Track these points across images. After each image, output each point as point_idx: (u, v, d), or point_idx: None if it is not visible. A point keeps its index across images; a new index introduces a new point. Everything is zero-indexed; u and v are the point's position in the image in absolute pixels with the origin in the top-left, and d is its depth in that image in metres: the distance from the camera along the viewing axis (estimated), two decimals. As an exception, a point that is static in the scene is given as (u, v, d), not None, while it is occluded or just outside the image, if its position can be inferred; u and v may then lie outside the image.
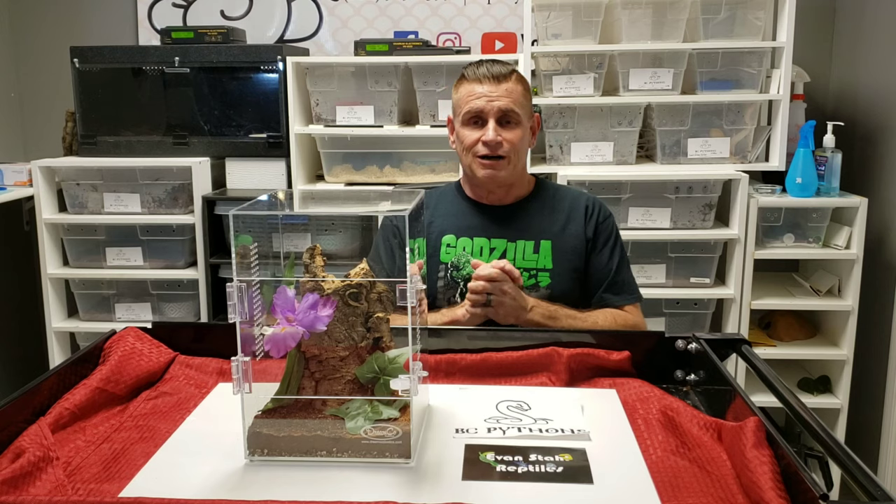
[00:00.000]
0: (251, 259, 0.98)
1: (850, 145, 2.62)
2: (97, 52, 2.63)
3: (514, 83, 1.67)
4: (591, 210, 1.75)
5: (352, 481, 0.93)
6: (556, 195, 1.79)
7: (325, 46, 2.97)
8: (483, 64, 1.69)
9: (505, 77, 1.66)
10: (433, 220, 1.75)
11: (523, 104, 1.69)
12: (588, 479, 0.94)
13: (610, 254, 1.73)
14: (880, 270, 2.51)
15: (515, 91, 1.67)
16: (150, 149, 2.65)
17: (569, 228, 1.72)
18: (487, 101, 1.65)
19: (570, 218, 1.74)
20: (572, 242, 1.71)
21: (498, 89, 1.65)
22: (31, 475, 0.91)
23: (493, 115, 1.65)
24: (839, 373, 2.47)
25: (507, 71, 1.68)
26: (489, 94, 1.65)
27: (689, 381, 1.25)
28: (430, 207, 1.78)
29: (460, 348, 1.29)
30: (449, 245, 1.72)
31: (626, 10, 2.43)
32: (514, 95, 1.66)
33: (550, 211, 1.74)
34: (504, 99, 1.65)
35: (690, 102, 2.46)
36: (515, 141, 1.67)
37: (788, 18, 2.37)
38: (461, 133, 1.70)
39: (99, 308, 2.71)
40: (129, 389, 1.19)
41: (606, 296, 1.70)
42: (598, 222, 1.74)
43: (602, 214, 1.76)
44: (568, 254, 1.70)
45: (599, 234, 1.73)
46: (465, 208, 1.77)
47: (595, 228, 1.73)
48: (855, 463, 0.82)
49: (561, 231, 1.72)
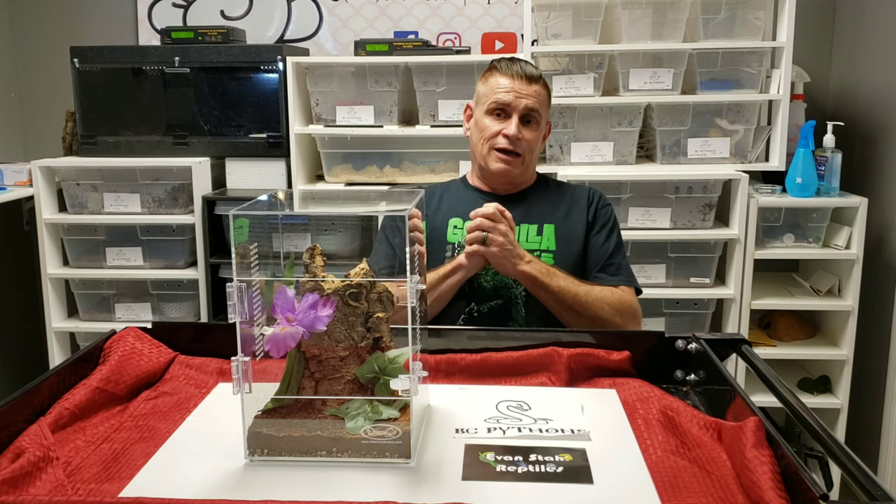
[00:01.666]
0: (251, 259, 0.98)
1: (850, 145, 2.62)
2: (97, 52, 2.63)
3: (542, 87, 1.75)
4: (591, 198, 1.82)
5: (352, 481, 0.93)
6: (560, 187, 1.86)
7: (325, 46, 2.97)
8: (517, 62, 1.75)
9: (535, 80, 1.74)
10: (439, 207, 1.81)
11: (545, 109, 1.76)
12: (588, 479, 0.94)
13: (607, 236, 1.78)
14: (880, 270, 2.51)
15: (542, 95, 1.74)
16: (150, 149, 2.65)
17: (571, 216, 1.78)
18: (516, 96, 1.71)
19: (573, 206, 1.80)
20: (575, 228, 1.77)
21: (528, 89, 1.71)
22: (31, 475, 0.91)
23: (518, 111, 1.71)
24: (839, 373, 2.47)
25: (537, 74, 1.75)
26: (519, 91, 1.71)
27: (689, 381, 1.25)
28: (436, 197, 1.84)
29: (460, 348, 1.29)
30: (456, 227, 1.77)
31: (626, 10, 2.43)
32: (540, 98, 1.73)
33: (553, 199, 1.81)
34: (532, 99, 1.71)
35: (690, 102, 2.46)
36: (532, 141, 1.74)
37: (788, 18, 2.37)
38: (482, 121, 1.75)
39: (99, 308, 2.71)
40: (129, 389, 1.19)
41: (602, 275, 1.73)
42: (597, 207, 1.80)
43: (602, 202, 1.82)
44: (570, 238, 1.75)
45: (598, 219, 1.79)
46: (471, 196, 1.81)
47: (595, 213, 1.80)
48: (855, 463, 0.82)
49: (563, 218, 1.77)
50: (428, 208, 1.82)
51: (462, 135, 2.52)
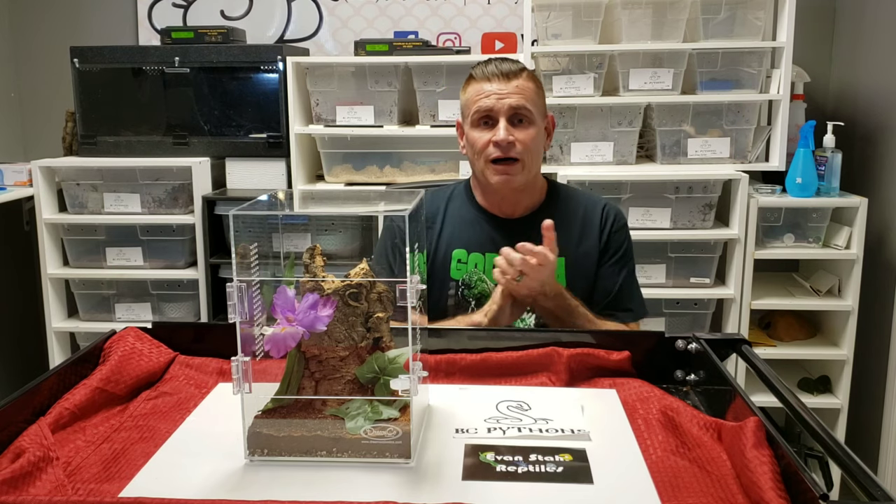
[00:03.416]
0: (251, 259, 0.98)
1: (850, 145, 2.61)
2: (97, 52, 2.63)
3: (525, 80, 1.59)
4: (605, 219, 1.68)
5: (352, 481, 0.93)
6: (570, 203, 1.71)
7: (325, 46, 2.97)
8: (491, 62, 1.61)
9: (515, 74, 1.58)
10: (443, 230, 1.69)
11: (536, 102, 1.60)
12: (588, 479, 0.94)
13: (620, 268, 1.67)
14: (880, 270, 2.51)
15: (527, 88, 1.59)
16: (150, 149, 2.65)
17: (582, 244, 1.66)
18: (497, 98, 1.57)
19: (584, 231, 1.67)
20: (586, 259, 1.66)
21: (508, 86, 1.57)
22: (31, 475, 0.91)
23: (503, 113, 1.57)
24: (839, 373, 2.47)
25: (516, 68, 1.60)
26: (499, 92, 1.57)
27: (689, 381, 1.25)
28: (441, 211, 1.72)
29: (460, 348, 1.29)
30: (460, 261, 1.66)
31: (626, 10, 2.43)
32: (525, 93, 1.58)
33: (564, 223, 1.65)
34: (515, 96, 1.57)
35: (690, 102, 2.46)
36: (528, 141, 1.59)
37: (788, 18, 2.37)
38: (471, 136, 1.62)
39: (99, 308, 2.71)
40: (129, 389, 1.19)
41: (611, 312, 1.65)
42: (610, 232, 1.68)
43: (616, 224, 1.69)
44: (581, 272, 1.65)
45: (611, 245, 1.67)
46: (475, 219, 1.69)
47: (608, 239, 1.67)
48: (855, 463, 0.82)
49: (575, 247, 1.65)
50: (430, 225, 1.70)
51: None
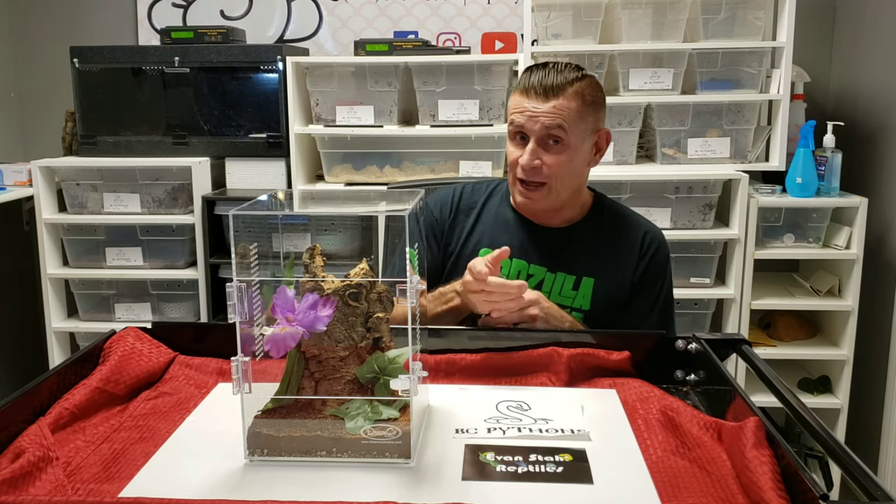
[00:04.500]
0: (251, 259, 0.98)
1: (850, 145, 2.61)
2: (97, 52, 2.63)
3: (568, 99, 1.44)
4: (645, 248, 1.57)
5: (351, 481, 0.93)
6: (613, 222, 1.60)
7: (325, 46, 2.97)
8: (536, 72, 1.47)
9: (557, 90, 1.44)
10: (476, 225, 1.62)
11: (576, 122, 1.46)
12: (588, 479, 0.94)
13: (652, 305, 1.56)
14: (880, 270, 2.51)
15: (567, 108, 1.44)
16: (150, 149, 2.65)
17: (618, 271, 1.56)
18: (530, 117, 1.45)
19: (622, 257, 1.57)
20: (617, 287, 1.56)
21: (545, 105, 1.44)
22: (30, 475, 0.91)
23: (535, 133, 1.46)
24: (839, 373, 2.47)
25: (561, 82, 1.44)
26: (533, 111, 1.45)
27: (689, 381, 1.25)
28: (478, 206, 1.64)
29: (460, 348, 1.29)
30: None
31: (626, 10, 2.43)
32: (563, 113, 1.44)
33: (603, 243, 1.57)
34: (550, 116, 1.44)
35: (690, 102, 2.46)
36: (557, 166, 1.47)
37: (788, 18, 2.37)
38: (508, 145, 1.53)
39: (99, 308, 2.70)
40: (129, 389, 1.19)
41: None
42: (648, 264, 1.57)
43: (658, 255, 1.58)
44: (608, 298, 1.55)
45: (646, 278, 1.56)
46: (510, 221, 1.61)
47: (644, 270, 1.56)
48: (855, 463, 0.82)
49: (608, 272, 1.55)
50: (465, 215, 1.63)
51: (461, 135, 2.54)
